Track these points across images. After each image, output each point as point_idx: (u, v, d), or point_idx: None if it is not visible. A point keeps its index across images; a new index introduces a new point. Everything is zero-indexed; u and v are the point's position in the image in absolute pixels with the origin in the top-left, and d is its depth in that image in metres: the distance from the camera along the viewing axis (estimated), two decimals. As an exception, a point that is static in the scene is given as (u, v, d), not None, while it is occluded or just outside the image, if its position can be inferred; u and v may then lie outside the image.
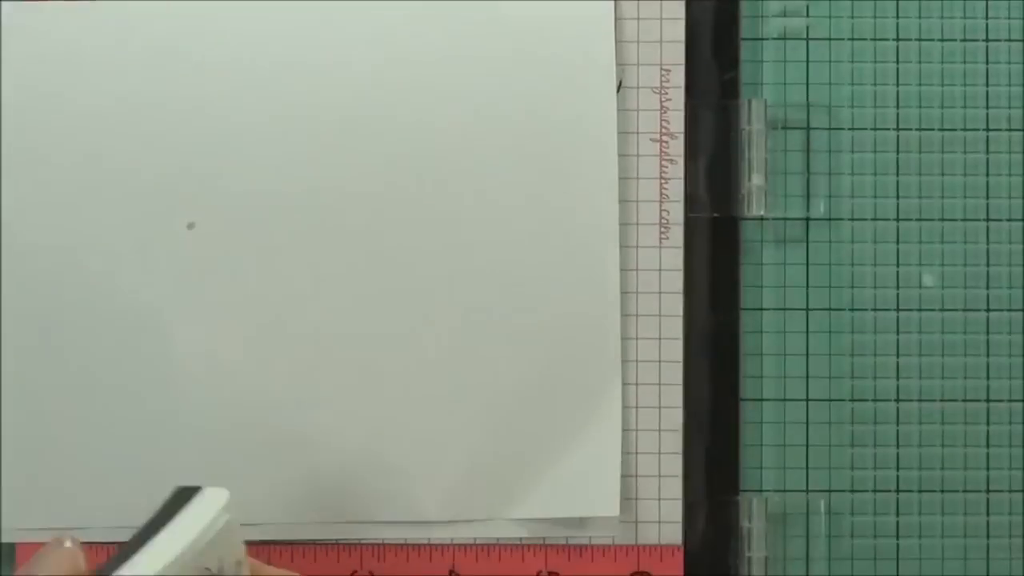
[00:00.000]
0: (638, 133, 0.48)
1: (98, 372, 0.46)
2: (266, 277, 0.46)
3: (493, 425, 0.46)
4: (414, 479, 0.46)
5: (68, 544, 0.36)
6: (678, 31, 0.48)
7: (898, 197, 0.48)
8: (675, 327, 0.47)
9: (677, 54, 0.48)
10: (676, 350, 0.47)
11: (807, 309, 0.48)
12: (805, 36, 0.48)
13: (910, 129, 0.48)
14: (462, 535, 0.47)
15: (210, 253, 0.46)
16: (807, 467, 0.48)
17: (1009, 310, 0.48)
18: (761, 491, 0.47)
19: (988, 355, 0.48)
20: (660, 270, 0.47)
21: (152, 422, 0.46)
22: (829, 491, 0.48)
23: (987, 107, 0.48)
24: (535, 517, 0.47)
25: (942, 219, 0.48)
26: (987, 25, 0.48)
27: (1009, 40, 0.48)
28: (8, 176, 0.46)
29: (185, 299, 0.46)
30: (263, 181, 0.47)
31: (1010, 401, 0.48)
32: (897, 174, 0.48)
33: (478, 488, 0.46)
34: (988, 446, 0.48)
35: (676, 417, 0.47)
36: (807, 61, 0.48)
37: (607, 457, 0.46)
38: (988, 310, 0.48)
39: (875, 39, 0.48)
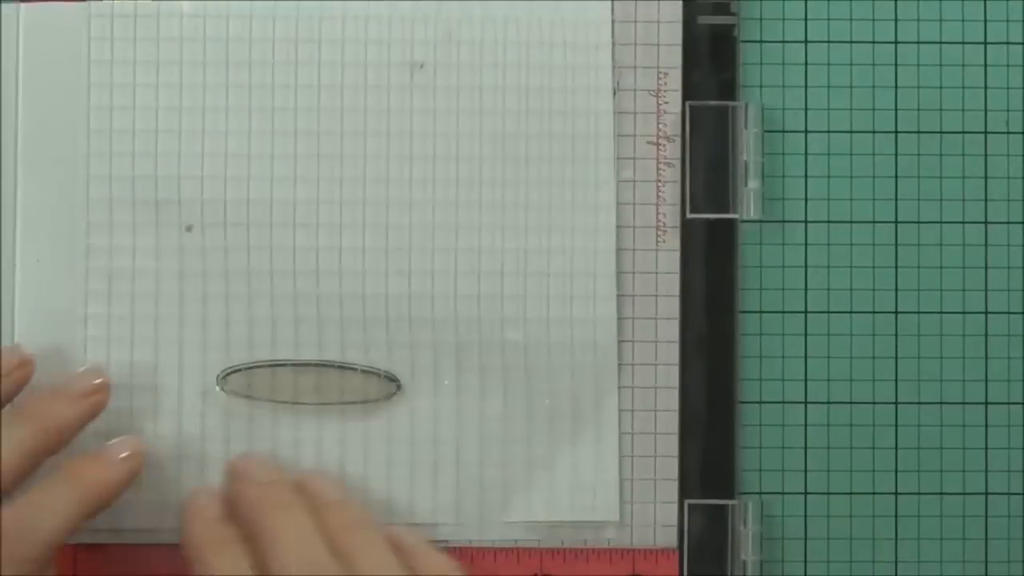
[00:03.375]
0: (635, 136, 0.48)
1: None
2: (264, 281, 0.47)
3: (491, 429, 0.46)
4: (414, 482, 0.46)
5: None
6: (675, 34, 0.48)
7: (896, 199, 0.48)
8: (671, 330, 0.47)
9: (674, 57, 0.48)
10: (672, 353, 0.47)
11: (805, 312, 0.48)
12: (804, 39, 0.48)
13: (908, 132, 0.48)
14: (459, 537, 0.47)
15: (208, 255, 0.46)
16: (805, 470, 0.48)
17: (1008, 313, 0.48)
18: (758, 494, 0.47)
19: (986, 357, 0.48)
20: (656, 273, 0.47)
21: (149, 423, 0.46)
22: (827, 494, 0.48)
23: (985, 109, 0.48)
24: (535, 520, 0.47)
25: (940, 222, 0.48)
26: (985, 27, 0.48)
27: (1007, 43, 0.48)
28: (7, 174, 0.47)
29: (183, 302, 0.46)
30: (262, 184, 0.47)
31: (1009, 403, 0.48)
32: (895, 176, 0.48)
33: (477, 491, 0.47)
34: (987, 448, 0.48)
35: (672, 420, 0.47)
36: (805, 64, 0.48)
37: (606, 461, 0.47)
38: (986, 312, 0.48)
39: (873, 42, 0.48)
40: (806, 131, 0.48)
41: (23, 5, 0.47)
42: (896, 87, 0.48)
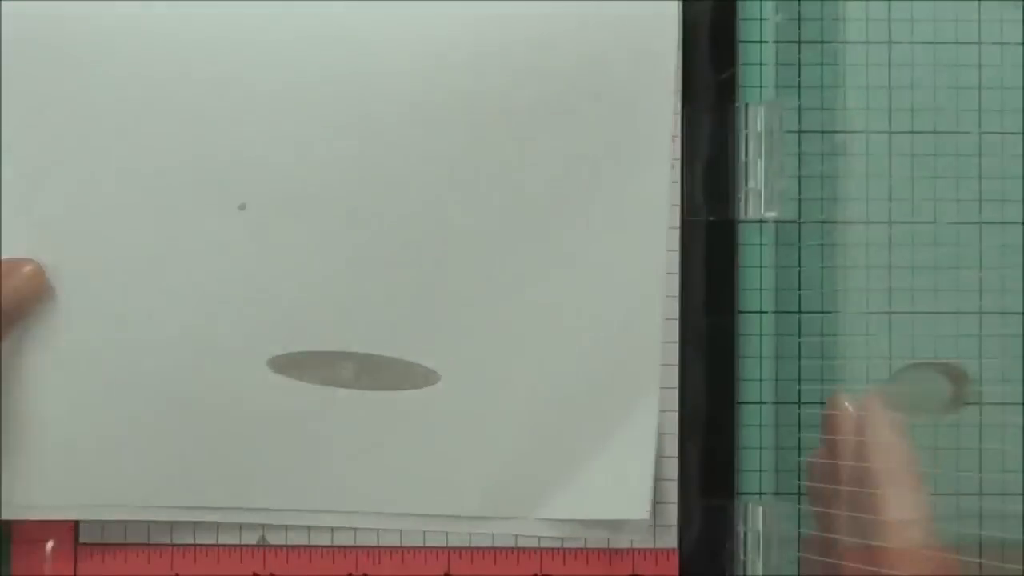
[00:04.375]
0: (635, 135, 0.47)
1: (117, 352, 0.46)
2: (316, 258, 0.46)
3: (530, 426, 0.46)
4: (452, 473, 0.46)
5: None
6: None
7: (890, 200, 0.48)
8: (671, 330, 0.47)
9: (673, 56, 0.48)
10: (672, 353, 0.47)
11: (800, 312, 0.48)
12: (798, 39, 0.48)
13: (903, 132, 0.48)
14: (486, 530, 0.46)
15: (262, 233, 0.46)
16: (802, 470, 0.48)
17: (1003, 313, 0.48)
18: (758, 494, 0.47)
19: (981, 357, 0.48)
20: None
21: (164, 403, 0.46)
22: (824, 494, 0.48)
23: (980, 110, 0.48)
24: (567, 518, 0.46)
25: (935, 222, 0.48)
26: (979, 28, 0.48)
27: (1002, 43, 0.48)
28: (65, 156, 0.46)
29: (236, 280, 0.46)
30: (313, 162, 0.46)
31: (1003, 404, 0.48)
32: (890, 177, 0.48)
33: (512, 487, 0.46)
34: (981, 448, 0.48)
35: (671, 420, 0.47)
36: (799, 64, 0.48)
37: (642, 460, 0.46)
38: (981, 313, 0.48)
39: (868, 42, 0.48)
40: (799, 131, 0.48)
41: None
42: (890, 88, 0.48)
